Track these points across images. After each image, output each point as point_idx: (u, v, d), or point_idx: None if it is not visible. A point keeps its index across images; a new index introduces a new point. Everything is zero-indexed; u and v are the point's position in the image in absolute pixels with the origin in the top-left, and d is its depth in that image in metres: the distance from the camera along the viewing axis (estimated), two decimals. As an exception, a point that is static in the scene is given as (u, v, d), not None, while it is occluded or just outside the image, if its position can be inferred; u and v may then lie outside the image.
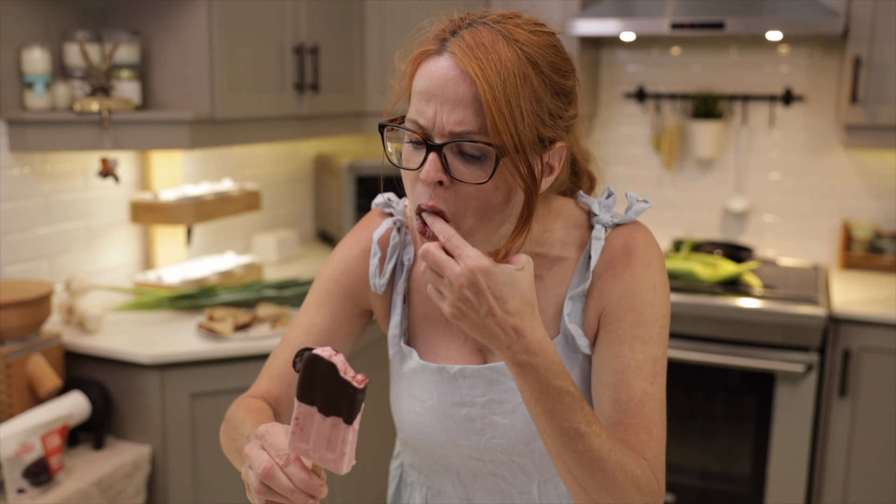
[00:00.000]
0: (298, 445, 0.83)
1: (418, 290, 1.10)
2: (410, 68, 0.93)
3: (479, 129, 0.87)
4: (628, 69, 3.29)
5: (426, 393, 1.06)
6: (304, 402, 0.82)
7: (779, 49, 3.08)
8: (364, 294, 1.12)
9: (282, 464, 0.82)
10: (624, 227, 1.03)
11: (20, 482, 1.79)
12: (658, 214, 3.29)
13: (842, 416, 2.56)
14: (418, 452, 1.11)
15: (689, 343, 2.63)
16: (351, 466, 0.83)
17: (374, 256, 1.09)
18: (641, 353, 0.97)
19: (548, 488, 1.07)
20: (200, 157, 2.77)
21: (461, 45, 0.87)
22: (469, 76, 0.86)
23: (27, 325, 1.95)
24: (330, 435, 0.82)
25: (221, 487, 2.15)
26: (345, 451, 0.82)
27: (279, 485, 0.82)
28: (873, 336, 2.49)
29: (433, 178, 0.88)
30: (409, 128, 0.91)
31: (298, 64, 2.56)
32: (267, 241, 3.01)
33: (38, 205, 2.23)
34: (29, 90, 2.11)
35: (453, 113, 0.87)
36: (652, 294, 1.00)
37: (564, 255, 1.04)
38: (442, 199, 0.89)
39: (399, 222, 1.11)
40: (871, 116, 2.66)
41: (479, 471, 1.07)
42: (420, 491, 1.14)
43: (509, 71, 0.86)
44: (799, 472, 2.59)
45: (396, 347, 1.11)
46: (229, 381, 2.11)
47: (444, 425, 1.05)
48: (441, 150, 0.88)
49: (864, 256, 3.00)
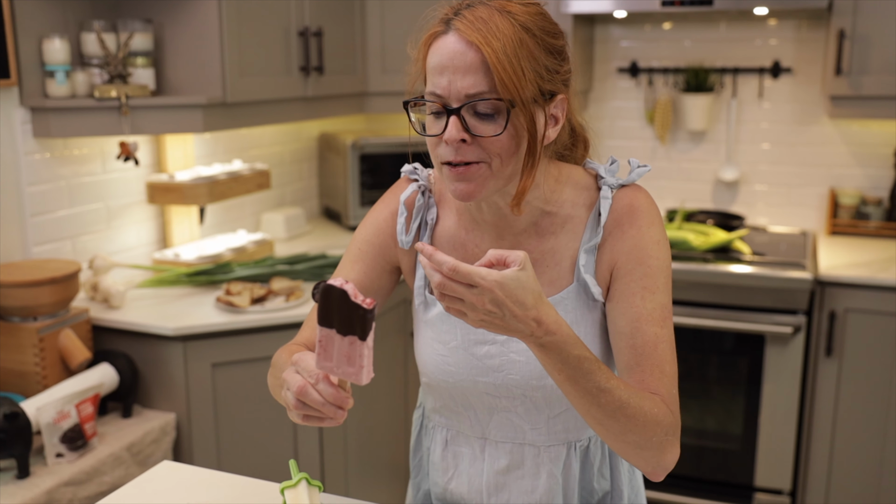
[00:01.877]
0: (324, 364, 0.97)
1: (441, 245, 1.23)
2: (423, 51, 1.08)
3: (489, 89, 1.01)
4: (621, 45, 3.39)
5: (450, 335, 1.19)
6: (325, 325, 0.96)
7: (767, 22, 3.18)
8: (392, 251, 1.26)
9: (313, 382, 0.97)
10: (627, 189, 1.17)
11: (58, 447, 1.92)
12: (652, 185, 3.40)
13: (828, 374, 2.69)
14: (440, 394, 1.23)
15: (683, 308, 2.75)
16: (370, 378, 0.96)
17: (401, 216, 1.23)
18: (651, 302, 1.11)
19: (556, 423, 1.19)
20: (210, 139, 2.88)
21: (464, 22, 1.03)
22: (474, 45, 1.01)
23: (58, 302, 2.07)
24: (349, 351, 0.95)
25: (242, 450, 2.29)
26: (363, 364, 0.95)
27: (312, 400, 0.97)
28: (857, 298, 2.61)
29: (456, 137, 1.03)
30: (429, 99, 1.06)
31: (303, 47, 2.66)
32: (276, 219, 3.12)
33: (61, 188, 2.34)
34: (50, 79, 2.21)
35: (465, 78, 1.02)
36: (657, 248, 1.13)
37: (574, 214, 1.17)
38: (467, 153, 1.04)
39: (423, 186, 1.25)
40: (856, 87, 2.77)
41: (495, 407, 1.20)
42: (441, 433, 1.27)
43: (507, 37, 1.01)
44: (788, 428, 2.72)
45: (422, 297, 1.23)
46: (248, 352, 2.24)
47: (466, 363, 1.18)
48: (459, 113, 1.02)
49: (850, 222, 3.12)
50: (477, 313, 0.93)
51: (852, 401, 2.68)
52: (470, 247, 1.21)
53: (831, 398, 2.70)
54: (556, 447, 1.20)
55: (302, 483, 1.18)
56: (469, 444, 1.24)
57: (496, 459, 1.22)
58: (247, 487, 1.36)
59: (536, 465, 1.21)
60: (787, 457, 2.74)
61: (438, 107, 1.04)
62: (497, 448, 1.21)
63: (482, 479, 1.23)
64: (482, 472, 1.23)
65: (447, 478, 1.27)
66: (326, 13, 2.78)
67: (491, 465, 1.22)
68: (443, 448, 1.27)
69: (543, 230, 1.18)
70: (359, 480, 2.58)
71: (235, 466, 2.26)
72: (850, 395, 2.68)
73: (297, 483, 1.18)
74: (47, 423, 1.90)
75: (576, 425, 1.19)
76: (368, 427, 2.61)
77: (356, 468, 2.56)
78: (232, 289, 2.33)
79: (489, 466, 1.22)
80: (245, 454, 2.30)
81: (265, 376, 2.26)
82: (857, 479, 2.71)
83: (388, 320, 2.64)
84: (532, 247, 1.18)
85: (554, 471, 1.20)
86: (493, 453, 1.22)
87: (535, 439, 1.20)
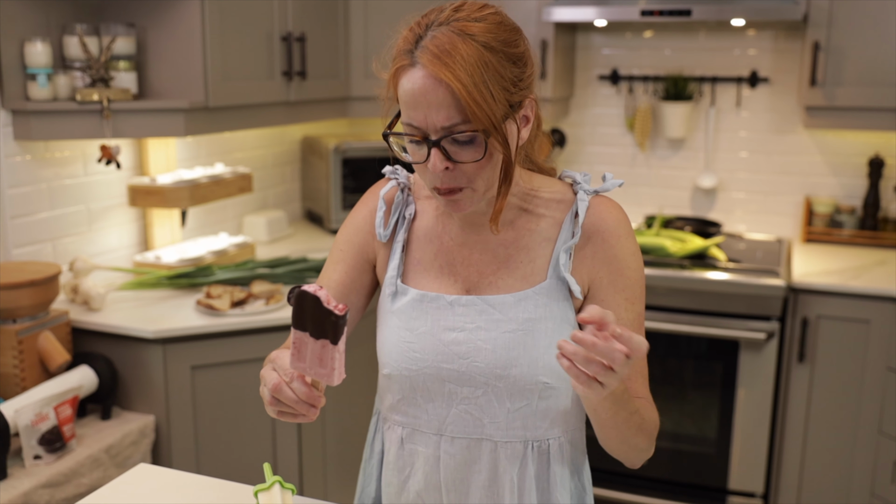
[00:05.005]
0: (297, 364, 1.02)
1: (416, 239, 1.27)
2: (392, 82, 1.12)
3: (462, 120, 1.06)
4: (603, 52, 3.43)
5: (420, 321, 1.22)
6: (298, 329, 1.01)
7: (745, 32, 3.23)
8: (371, 247, 1.30)
9: (287, 381, 1.02)
10: (603, 199, 1.22)
11: (36, 449, 1.93)
12: (631, 192, 3.45)
13: (800, 380, 2.74)
14: (401, 386, 1.25)
15: (659, 314, 2.79)
16: (341, 379, 1.01)
17: (380, 210, 1.28)
18: (631, 312, 1.19)
19: (515, 418, 1.21)
20: (193, 143, 2.89)
21: (428, 56, 1.05)
22: (443, 81, 1.04)
23: (38, 304, 2.08)
24: (321, 354, 1.00)
25: (221, 452, 2.31)
26: (334, 366, 1.00)
27: (286, 397, 1.02)
28: (829, 305, 2.66)
29: (440, 167, 1.08)
30: (408, 132, 1.10)
31: (286, 52, 2.68)
32: (257, 222, 3.14)
33: (42, 190, 2.35)
34: (32, 81, 2.22)
35: (439, 112, 1.06)
36: (634, 259, 1.20)
37: (550, 215, 1.22)
38: (451, 179, 1.10)
39: (403, 185, 1.30)
40: (830, 98, 2.82)
41: (455, 397, 1.21)
42: (396, 431, 1.28)
43: (472, 64, 1.04)
44: (761, 432, 2.77)
45: (393, 287, 1.26)
46: (227, 355, 2.25)
47: (432, 349, 1.21)
48: (439, 144, 1.07)
49: (825, 230, 3.17)
50: (614, 379, 0.96)
51: (824, 406, 2.73)
52: (445, 240, 1.25)
53: (803, 403, 2.75)
54: (512, 444, 1.22)
55: (275, 486, 1.21)
56: (425, 442, 1.25)
57: (452, 456, 1.23)
58: (222, 490, 1.38)
59: (493, 460, 1.22)
60: (760, 460, 2.79)
61: (418, 138, 1.09)
62: (453, 444, 1.23)
63: (439, 476, 1.24)
64: (438, 469, 1.24)
65: (403, 476, 1.28)
66: (310, 18, 2.80)
67: (447, 462, 1.24)
68: (398, 447, 1.27)
69: (518, 227, 1.22)
70: (337, 482, 2.60)
71: (214, 469, 2.28)
72: (821, 400, 2.73)
73: (270, 486, 1.20)
74: (25, 426, 1.91)
75: (534, 423, 1.21)
76: (347, 430, 2.63)
77: (335, 471, 2.58)
78: (212, 292, 2.35)
79: (445, 463, 1.24)
80: (224, 456, 2.31)
81: (245, 379, 2.29)
82: (828, 481, 2.76)
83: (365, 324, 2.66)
84: (507, 242, 1.22)
85: (510, 468, 1.22)
86: (449, 449, 1.23)
87: (492, 433, 1.21)
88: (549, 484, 1.24)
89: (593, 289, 1.20)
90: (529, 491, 1.22)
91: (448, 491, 1.25)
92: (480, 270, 1.23)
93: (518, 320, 1.18)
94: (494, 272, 1.22)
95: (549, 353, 1.18)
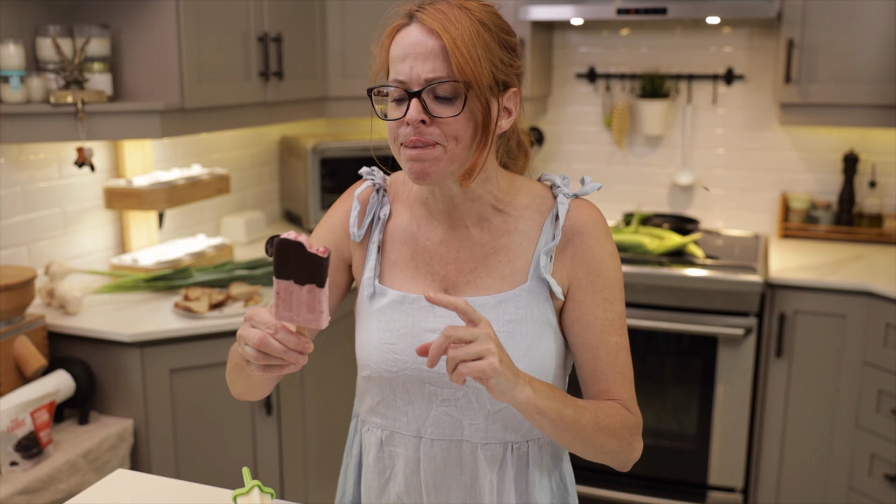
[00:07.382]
0: (283, 314, 1.01)
1: (391, 240, 1.28)
2: (387, 41, 1.15)
3: (447, 75, 1.09)
4: (580, 50, 3.44)
5: (400, 322, 1.22)
6: (282, 278, 1.00)
7: (721, 30, 3.25)
8: (346, 246, 1.31)
9: (272, 333, 1.01)
10: (582, 202, 1.23)
11: (13, 455, 1.91)
12: (609, 189, 3.46)
13: (778, 374, 2.76)
14: (380, 388, 1.24)
15: (638, 311, 2.81)
16: (328, 321, 1.01)
17: (355, 210, 1.28)
18: (611, 313, 1.20)
19: (495, 420, 1.21)
20: (169, 144, 2.87)
21: (426, 14, 1.11)
22: (435, 32, 1.09)
23: (13, 309, 2.06)
24: (308, 300, 1.00)
25: (200, 456, 2.29)
26: (322, 309, 1.00)
27: (273, 349, 1.01)
28: (806, 300, 2.69)
29: (417, 117, 1.09)
30: (391, 84, 1.13)
31: (263, 53, 2.67)
32: (236, 223, 3.13)
33: (16, 193, 2.32)
34: (4, 84, 2.20)
35: (426, 63, 1.09)
36: (612, 261, 1.22)
37: (529, 217, 1.23)
38: (424, 133, 1.10)
39: (378, 185, 1.30)
40: (804, 95, 2.85)
41: (435, 399, 1.21)
42: (376, 434, 1.28)
43: (465, 27, 1.09)
44: (740, 427, 2.79)
45: (371, 288, 1.26)
46: (206, 357, 2.24)
47: (412, 349, 1.20)
48: (420, 95, 1.10)
49: (801, 226, 3.21)
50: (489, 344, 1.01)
51: (801, 400, 2.76)
52: (422, 240, 1.25)
53: (781, 398, 2.77)
54: (492, 446, 1.22)
55: (254, 490, 1.20)
56: (404, 444, 1.25)
57: (432, 458, 1.23)
58: (201, 494, 1.38)
59: (473, 462, 1.22)
60: (740, 455, 2.81)
61: (401, 92, 1.11)
62: (433, 446, 1.23)
63: (419, 478, 1.24)
64: (419, 471, 1.24)
65: (384, 479, 1.27)
66: (286, 19, 2.78)
67: (427, 464, 1.23)
68: (378, 449, 1.27)
69: (496, 228, 1.23)
70: (318, 485, 2.60)
71: (194, 472, 2.27)
72: (799, 395, 2.76)
73: (249, 490, 1.20)
74: (1, 432, 1.89)
75: (514, 425, 1.21)
76: (327, 433, 2.63)
77: (315, 474, 2.58)
78: (190, 294, 2.33)
79: (425, 465, 1.24)
80: (203, 460, 2.30)
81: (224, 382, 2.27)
82: (807, 475, 2.79)
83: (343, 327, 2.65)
84: (485, 241, 1.23)
85: (489, 471, 1.22)
86: (429, 451, 1.23)
87: (472, 435, 1.21)
88: (529, 486, 1.24)
89: (572, 289, 1.21)
90: (509, 493, 1.22)
91: (428, 493, 1.25)
92: (458, 268, 1.23)
93: (499, 322, 1.19)
94: (472, 270, 1.23)
95: (530, 355, 1.18)
